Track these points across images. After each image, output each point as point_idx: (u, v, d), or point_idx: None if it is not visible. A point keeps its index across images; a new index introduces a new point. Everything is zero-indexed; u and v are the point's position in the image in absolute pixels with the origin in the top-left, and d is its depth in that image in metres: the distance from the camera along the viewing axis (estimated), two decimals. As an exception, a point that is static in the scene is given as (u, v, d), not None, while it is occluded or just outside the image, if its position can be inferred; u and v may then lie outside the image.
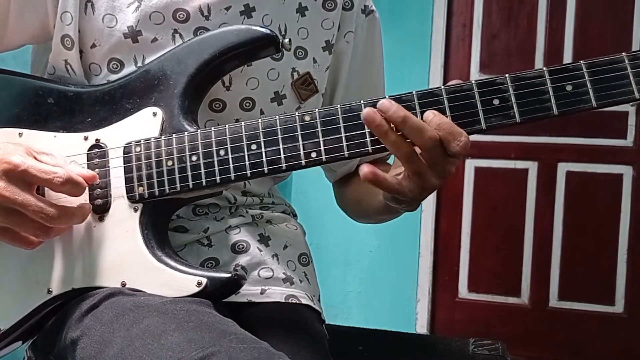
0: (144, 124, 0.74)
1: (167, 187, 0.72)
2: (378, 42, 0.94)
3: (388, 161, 0.96)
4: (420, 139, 0.63)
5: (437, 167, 0.65)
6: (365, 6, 0.92)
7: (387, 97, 0.67)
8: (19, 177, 0.65)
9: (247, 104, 0.82)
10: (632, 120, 2.65)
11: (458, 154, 0.64)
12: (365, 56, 0.92)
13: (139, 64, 0.77)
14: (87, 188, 0.71)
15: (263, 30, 0.74)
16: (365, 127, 0.67)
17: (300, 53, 0.85)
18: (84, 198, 0.72)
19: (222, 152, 0.70)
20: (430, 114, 0.64)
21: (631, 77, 0.62)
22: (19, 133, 0.76)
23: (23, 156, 0.67)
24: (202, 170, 0.71)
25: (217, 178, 0.70)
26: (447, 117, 0.65)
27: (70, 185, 0.67)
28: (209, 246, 0.81)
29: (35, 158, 0.68)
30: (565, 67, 0.64)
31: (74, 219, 0.70)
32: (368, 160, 0.93)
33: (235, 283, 0.70)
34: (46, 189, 0.72)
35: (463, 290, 2.87)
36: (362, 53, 0.92)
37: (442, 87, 0.66)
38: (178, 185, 0.71)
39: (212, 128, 0.72)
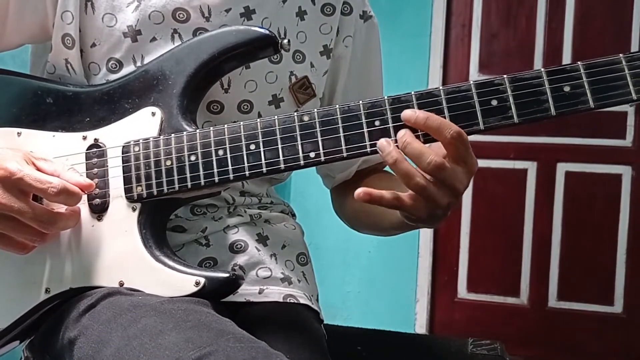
0: (142, 124, 0.74)
1: (165, 187, 0.72)
2: (376, 47, 0.94)
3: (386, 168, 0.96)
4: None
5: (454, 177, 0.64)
6: (363, 11, 0.92)
7: (385, 97, 0.67)
8: (14, 184, 0.66)
9: (245, 107, 0.82)
10: (631, 120, 2.65)
11: (453, 141, 0.63)
12: (364, 61, 0.92)
13: (138, 64, 0.78)
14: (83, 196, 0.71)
15: (262, 30, 0.74)
16: (364, 127, 0.67)
17: (298, 57, 0.85)
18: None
19: (220, 152, 0.70)
20: (409, 113, 0.65)
21: (628, 79, 0.62)
22: (18, 132, 0.76)
23: (20, 163, 0.67)
24: (201, 170, 0.71)
25: (216, 178, 0.70)
26: (445, 117, 0.65)
27: (65, 196, 0.67)
28: (207, 246, 0.81)
29: (34, 164, 0.69)
30: (563, 68, 0.64)
31: (70, 223, 0.71)
32: (368, 166, 0.94)
33: (233, 283, 0.70)
34: None
35: (462, 291, 2.87)
36: (361, 58, 0.92)
37: (441, 87, 0.66)
38: (176, 185, 0.71)
39: (211, 128, 0.72)
